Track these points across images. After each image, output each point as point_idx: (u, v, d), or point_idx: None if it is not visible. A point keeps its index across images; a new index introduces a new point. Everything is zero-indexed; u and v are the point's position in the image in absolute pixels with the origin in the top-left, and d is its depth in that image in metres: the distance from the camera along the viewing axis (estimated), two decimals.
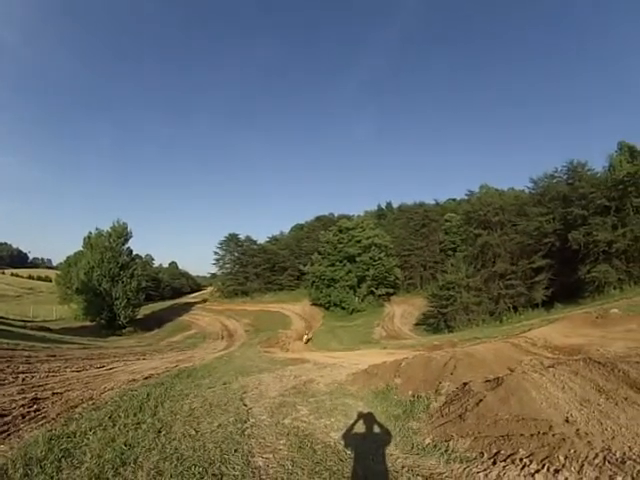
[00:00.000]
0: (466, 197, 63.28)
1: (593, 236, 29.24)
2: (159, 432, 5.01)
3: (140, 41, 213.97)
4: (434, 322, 38.98)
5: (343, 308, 53.78)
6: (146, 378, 9.73)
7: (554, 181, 37.72)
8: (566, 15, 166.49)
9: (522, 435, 4.39)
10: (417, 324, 44.41)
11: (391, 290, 57.87)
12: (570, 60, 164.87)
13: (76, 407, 6.21)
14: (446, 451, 4.51)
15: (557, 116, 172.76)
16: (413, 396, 7.44)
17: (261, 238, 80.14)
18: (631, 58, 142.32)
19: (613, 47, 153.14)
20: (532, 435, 4.33)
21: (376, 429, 5.55)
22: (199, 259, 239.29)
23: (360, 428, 5.56)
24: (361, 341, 35.02)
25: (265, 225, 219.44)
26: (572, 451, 3.74)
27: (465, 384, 6.88)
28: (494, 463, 3.95)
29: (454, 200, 74.45)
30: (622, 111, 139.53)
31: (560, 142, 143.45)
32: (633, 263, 28.79)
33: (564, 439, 4.01)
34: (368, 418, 5.95)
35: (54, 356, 13.09)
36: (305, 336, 36.45)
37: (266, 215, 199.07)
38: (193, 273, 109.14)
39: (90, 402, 6.61)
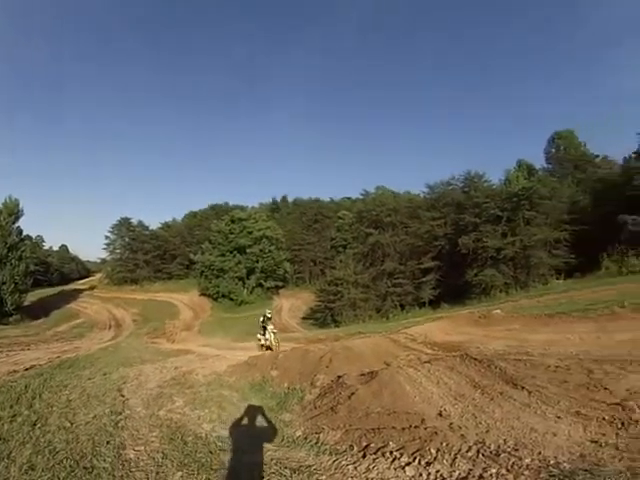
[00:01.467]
0: (361, 196, 65.41)
1: (483, 242, 32.08)
2: (34, 425, 5.03)
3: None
4: (321, 317, 40.18)
5: (231, 299, 54.06)
6: (27, 369, 9.81)
7: (450, 188, 40.35)
8: (478, 22, 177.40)
9: (393, 428, 4.50)
10: (305, 318, 45.52)
11: (280, 283, 59.12)
12: (482, 75, 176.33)
13: None
14: (316, 443, 4.64)
15: (462, 129, 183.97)
16: (288, 388, 7.63)
17: (154, 224, 77.10)
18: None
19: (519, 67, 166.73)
20: (404, 428, 4.45)
21: (248, 421, 5.68)
22: (90, 243, 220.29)
23: (233, 420, 5.67)
24: (248, 333, 34.72)
25: (159, 211, 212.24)
26: (444, 444, 3.84)
27: (339, 377, 7.13)
28: (364, 456, 4.00)
29: (349, 199, 76.96)
30: (522, 133, 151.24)
31: (460, 154, 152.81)
32: (520, 269, 32.01)
33: (436, 432, 4.13)
34: (241, 410, 6.11)
35: None
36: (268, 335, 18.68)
37: (161, 201, 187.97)
38: (83, 258, 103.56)
39: None
